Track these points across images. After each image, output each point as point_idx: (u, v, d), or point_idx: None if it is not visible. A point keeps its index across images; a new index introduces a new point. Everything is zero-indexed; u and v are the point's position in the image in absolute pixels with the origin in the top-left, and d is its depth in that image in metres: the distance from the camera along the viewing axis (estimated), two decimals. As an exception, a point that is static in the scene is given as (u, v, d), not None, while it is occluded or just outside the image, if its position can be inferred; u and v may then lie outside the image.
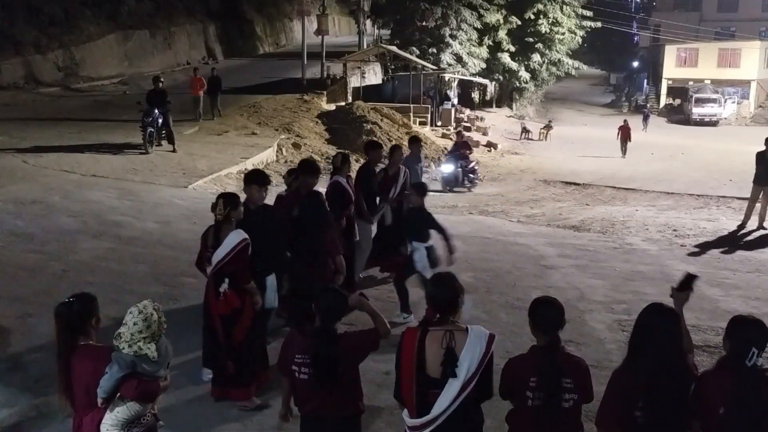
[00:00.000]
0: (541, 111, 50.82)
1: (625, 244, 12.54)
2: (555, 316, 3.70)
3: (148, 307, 3.65)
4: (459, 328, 3.68)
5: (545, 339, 3.65)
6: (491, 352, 3.66)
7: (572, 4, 42.08)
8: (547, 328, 3.67)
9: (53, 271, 8.48)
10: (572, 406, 3.58)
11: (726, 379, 3.38)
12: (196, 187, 14.59)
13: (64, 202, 11.84)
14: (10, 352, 6.31)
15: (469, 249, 11.24)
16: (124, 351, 3.56)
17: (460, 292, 3.79)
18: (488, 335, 3.69)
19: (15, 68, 25.76)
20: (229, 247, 5.36)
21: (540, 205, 17.51)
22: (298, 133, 22.27)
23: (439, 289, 3.79)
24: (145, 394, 3.60)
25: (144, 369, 3.57)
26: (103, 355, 3.61)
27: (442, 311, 3.73)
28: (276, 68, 34.33)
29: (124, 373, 3.53)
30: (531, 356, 3.68)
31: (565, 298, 8.84)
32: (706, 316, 8.28)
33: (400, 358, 3.71)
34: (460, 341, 3.62)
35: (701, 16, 60.49)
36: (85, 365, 3.62)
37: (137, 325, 3.57)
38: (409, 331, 3.76)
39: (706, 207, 16.93)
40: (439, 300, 3.75)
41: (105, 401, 3.57)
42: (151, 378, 3.60)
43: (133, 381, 3.55)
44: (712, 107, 49.74)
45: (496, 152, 29.37)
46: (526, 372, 3.60)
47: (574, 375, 3.59)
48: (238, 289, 5.45)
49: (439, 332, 3.64)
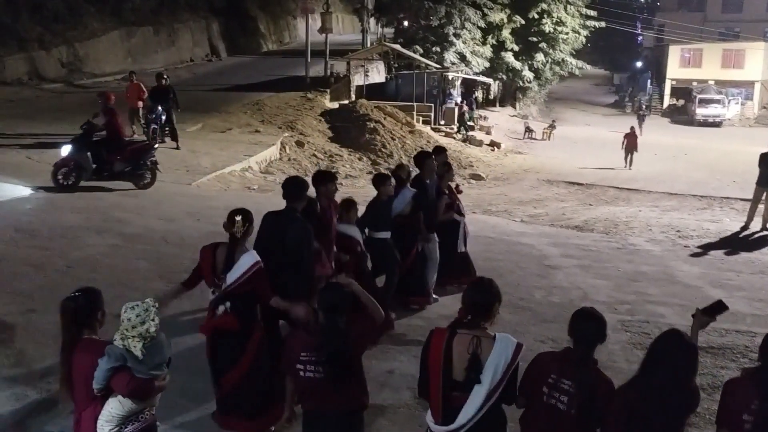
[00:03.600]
0: (544, 110, 50.79)
1: (629, 245, 12.55)
2: (594, 328, 3.70)
3: (147, 306, 3.64)
4: (487, 335, 3.68)
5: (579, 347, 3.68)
6: (517, 362, 3.66)
7: (576, 3, 42.04)
8: (582, 339, 3.69)
9: (57, 267, 8.48)
10: (566, 409, 3.59)
11: (751, 388, 3.43)
12: (199, 184, 14.60)
13: (68, 199, 11.85)
14: (14, 348, 6.32)
15: (473, 248, 11.22)
16: (116, 343, 3.57)
17: (497, 298, 3.77)
18: (515, 345, 3.68)
19: (19, 64, 25.76)
20: (242, 270, 4.89)
21: (543, 204, 17.52)
22: (302, 131, 22.27)
23: (476, 293, 3.77)
24: (138, 391, 3.58)
25: (134, 365, 3.56)
26: (101, 348, 3.62)
27: (474, 314, 3.72)
28: (279, 66, 34.32)
29: (114, 365, 3.53)
30: (561, 354, 3.74)
31: (568, 298, 8.89)
32: (710, 317, 8.27)
33: (427, 358, 3.71)
34: (486, 348, 3.61)
35: (705, 16, 60.44)
36: (85, 359, 3.63)
37: (130, 321, 3.57)
38: (438, 331, 3.76)
39: (709, 208, 16.93)
40: (473, 303, 3.74)
41: (99, 391, 3.58)
42: (145, 375, 3.58)
43: (125, 376, 3.54)
44: (716, 108, 49.63)
45: (500, 151, 29.37)
46: (550, 368, 3.66)
47: (574, 379, 3.59)
48: (241, 312, 4.98)
49: (467, 336, 3.64)
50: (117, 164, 12.65)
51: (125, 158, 12.70)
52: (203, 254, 5.07)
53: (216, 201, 12.85)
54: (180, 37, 35.96)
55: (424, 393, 3.78)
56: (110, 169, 12.64)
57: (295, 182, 5.84)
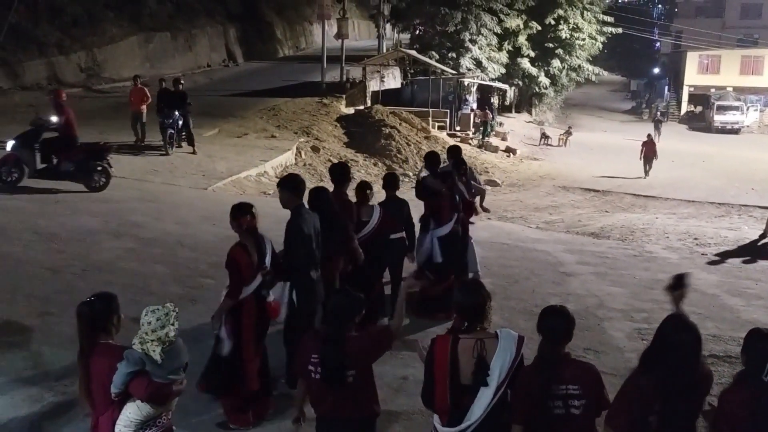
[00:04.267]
0: (560, 117, 50.58)
1: (645, 252, 12.46)
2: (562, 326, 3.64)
3: (167, 310, 3.65)
4: (489, 335, 3.67)
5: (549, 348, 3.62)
6: (521, 355, 3.65)
7: (593, 9, 41.86)
8: (550, 338, 3.63)
9: (74, 270, 8.54)
10: (583, 412, 3.53)
11: (745, 394, 3.37)
12: (215, 188, 14.67)
13: (85, 203, 11.94)
14: (31, 350, 6.37)
15: (488, 255, 11.21)
16: (135, 347, 3.58)
17: (488, 299, 3.76)
18: (517, 338, 3.69)
19: (38, 69, 26.02)
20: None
21: (559, 211, 17.44)
22: (317, 136, 22.32)
23: (466, 297, 3.75)
24: (156, 395, 3.59)
25: (152, 369, 3.57)
26: (119, 353, 3.63)
27: (469, 319, 3.70)
28: (296, 71, 34.46)
29: (133, 369, 3.54)
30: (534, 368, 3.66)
31: (584, 305, 8.83)
32: (727, 326, 8.20)
33: (432, 366, 3.68)
34: (491, 349, 3.61)
35: (724, 22, 59.99)
36: (102, 364, 3.64)
37: (150, 325, 3.59)
38: (441, 339, 3.73)
39: (727, 216, 16.78)
40: (465, 307, 3.72)
41: (117, 395, 3.58)
42: (163, 380, 3.60)
43: (144, 380, 3.55)
44: (734, 115, 49.17)
45: (515, 158, 29.27)
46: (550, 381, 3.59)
47: (581, 381, 3.55)
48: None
49: (470, 340, 3.63)
50: (63, 164, 12.17)
51: (73, 159, 12.22)
52: (239, 256, 5.24)
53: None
54: (197, 43, 36.20)
55: (429, 402, 3.75)
56: (56, 169, 12.19)
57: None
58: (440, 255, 7.81)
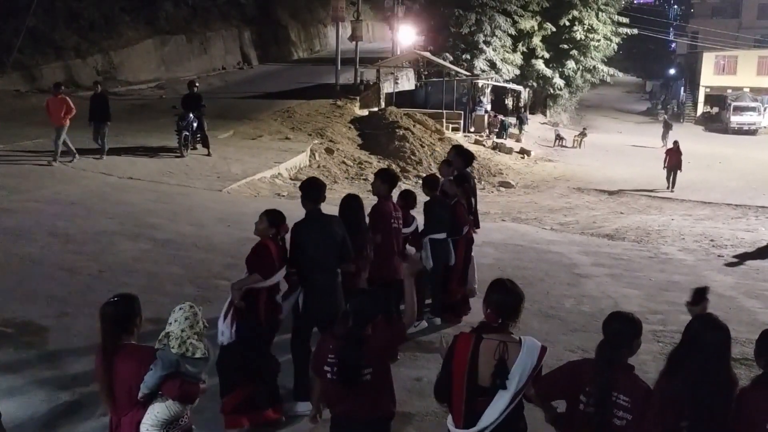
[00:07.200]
0: (575, 118, 50.38)
1: (661, 254, 12.38)
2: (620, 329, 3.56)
3: (193, 308, 3.74)
4: (513, 340, 3.63)
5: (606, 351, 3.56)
6: (541, 366, 3.63)
7: (608, 10, 41.66)
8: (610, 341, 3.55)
9: (90, 271, 8.61)
10: (625, 426, 3.41)
11: (765, 396, 3.31)
12: (230, 190, 14.73)
13: (102, 204, 12.04)
14: (47, 350, 6.42)
15: (502, 256, 11.19)
16: (174, 350, 3.59)
17: (523, 297, 3.73)
18: (540, 348, 3.64)
19: (55, 72, 26.25)
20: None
21: (574, 213, 17.37)
22: (331, 138, 22.35)
23: (505, 294, 3.70)
24: (187, 394, 3.64)
25: (187, 369, 3.60)
26: (146, 355, 3.65)
27: (505, 315, 3.67)
28: (310, 73, 34.53)
29: (167, 372, 3.57)
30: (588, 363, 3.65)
31: (598, 307, 8.78)
32: (745, 328, 8.12)
33: (451, 363, 3.67)
34: (513, 353, 3.57)
35: (740, 23, 59.51)
36: (128, 365, 3.64)
37: (187, 321, 3.65)
38: (463, 336, 3.72)
39: (744, 217, 16.65)
40: (503, 304, 3.68)
41: (145, 396, 3.61)
42: (193, 379, 3.64)
43: (177, 381, 3.58)
44: (751, 116, 48.77)
45: (530, 159, 29.19)
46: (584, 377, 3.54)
47: (634, 396, 3.43)
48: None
49: (493, 342, 3.60)
50: None
51: None
52: (270, 244, 5.33)
53: (246, 207, 12.94)
54: (212, 46, 36.39)
55: (443, 397, 3.74)
56: None
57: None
58: (454, 258, 7.81)
